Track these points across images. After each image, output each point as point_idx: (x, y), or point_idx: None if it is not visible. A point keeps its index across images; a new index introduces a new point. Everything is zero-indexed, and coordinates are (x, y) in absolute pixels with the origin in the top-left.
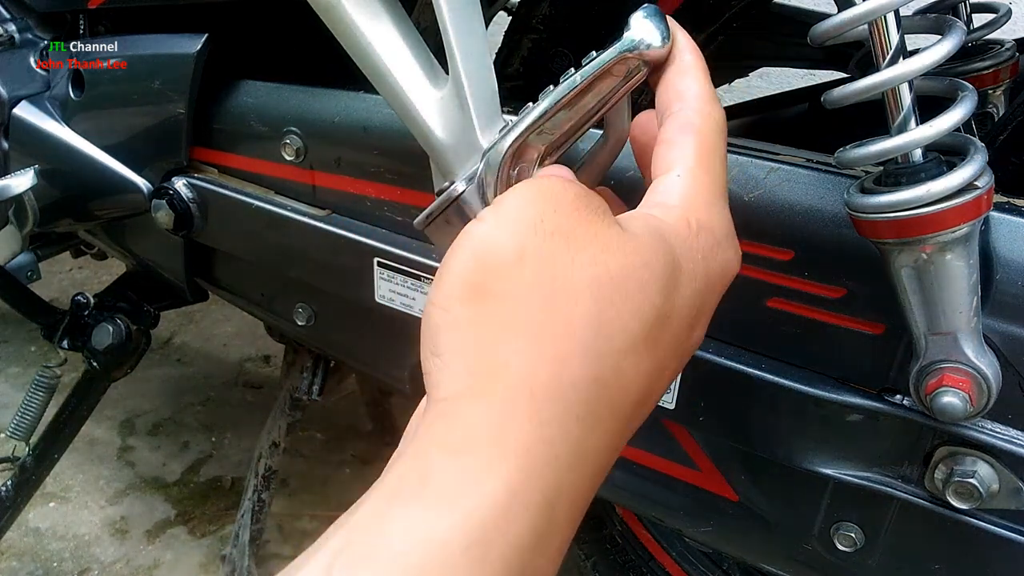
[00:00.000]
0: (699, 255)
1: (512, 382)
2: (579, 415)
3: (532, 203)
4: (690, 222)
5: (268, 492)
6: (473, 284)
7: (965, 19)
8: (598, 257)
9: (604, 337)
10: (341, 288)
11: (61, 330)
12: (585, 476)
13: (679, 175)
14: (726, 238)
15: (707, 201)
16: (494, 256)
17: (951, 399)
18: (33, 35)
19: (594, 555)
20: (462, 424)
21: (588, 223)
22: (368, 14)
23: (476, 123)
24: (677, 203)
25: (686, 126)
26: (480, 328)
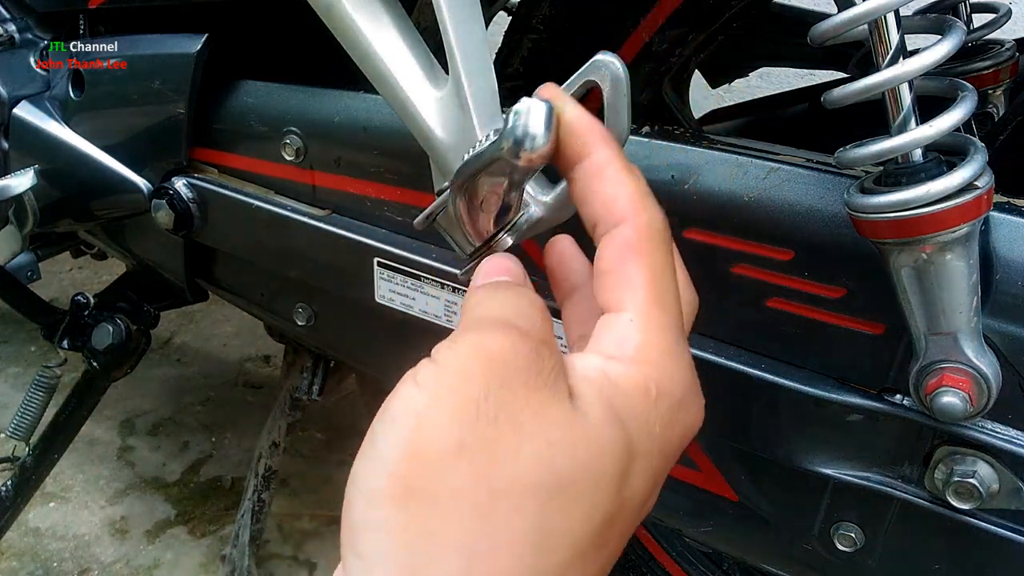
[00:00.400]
0: (656, 428)
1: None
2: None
3: (478, 376)
4: (648, 389)
5: (268, 492)
6: (403, 479)
7: (965, 19)
8: (545, 453)
9: (547, 551)
10: (341, 288)
11: (61, 330)
12: None
13: (631, 319)
14: (687, 396)
15: (666, 351)
16: (429, 446)
17: (951, 399)
18: (33, 35)
19: None
20: None
21: (538, 404)
22: (368, 14)
23: (476, 123)
24: (633, 359)
25: (626, 249)
26: (407, 536)
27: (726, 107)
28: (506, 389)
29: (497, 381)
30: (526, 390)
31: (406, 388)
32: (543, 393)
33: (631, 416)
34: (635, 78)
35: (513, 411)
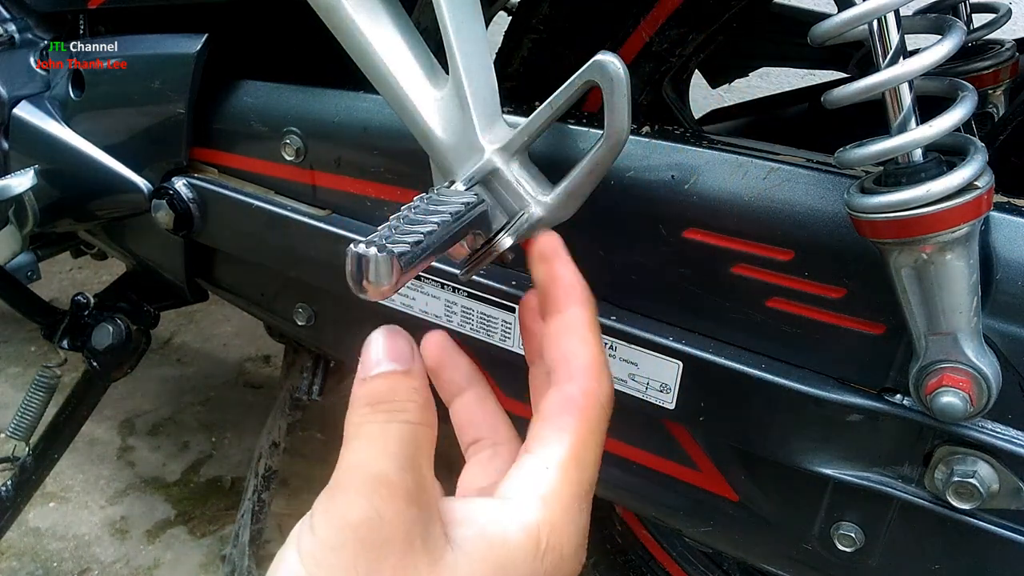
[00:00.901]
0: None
1: None
2: None
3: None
4: (540, 541)
5: (268, 492)
6: None
7: (965, 19)
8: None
9: None
10: (341, 288)
11: (61, 330)
12: None
13: (547, 468)
14: (573, 554)
15: (566, 507)
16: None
17: (951, 399)
18: (33, 35)
19: (594, 555)
20: None
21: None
22: (368, 14)
23: (476, 123)
24: (534, 509)
25: (568, 404)
26: None
27: (726, 107)
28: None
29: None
30: (394, 554)
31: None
32: (411, 555)
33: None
34: (635, 78)
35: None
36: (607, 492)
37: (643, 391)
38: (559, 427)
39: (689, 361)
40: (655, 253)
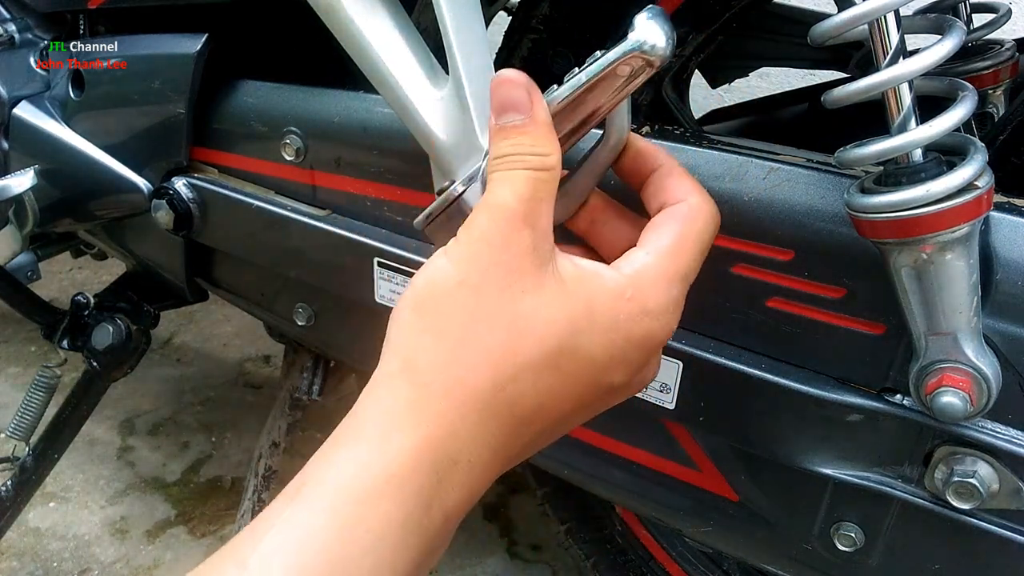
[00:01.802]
0: (622, 315)
1: (431, 375)
2: (478, 408)
3: (478, 240)
4: (625, 292)
5: (268, 492)
6: (420, 300)
7: (965, 19)
8: (518, 295)
9: (508, 355)
10: (341, 288)
11: (61, 330)
12: (485, 452)
13: (647, 253)
14: (656, 313)
15: (655, 280)
16: (439, 280)
17: (951, 399)
18: (33, 35)
19: (594, 555)
20: (393, 395)
21: (518, 264)
22: (368, 14)
23: (476, 123)
24: (627, 273)
25: (676, 214)
26: (418, 331)
27: (726, 107)
28: (501, 252)
29: (487, 250)
30: (508, 255)
31: (436, 255)
32: (527, 260)
33: (600, 300)
34: None
35: (503, 266)
36: (607, 492)
37: (643, 391)
38: (665, 229)
39: (689, 361)
40: None
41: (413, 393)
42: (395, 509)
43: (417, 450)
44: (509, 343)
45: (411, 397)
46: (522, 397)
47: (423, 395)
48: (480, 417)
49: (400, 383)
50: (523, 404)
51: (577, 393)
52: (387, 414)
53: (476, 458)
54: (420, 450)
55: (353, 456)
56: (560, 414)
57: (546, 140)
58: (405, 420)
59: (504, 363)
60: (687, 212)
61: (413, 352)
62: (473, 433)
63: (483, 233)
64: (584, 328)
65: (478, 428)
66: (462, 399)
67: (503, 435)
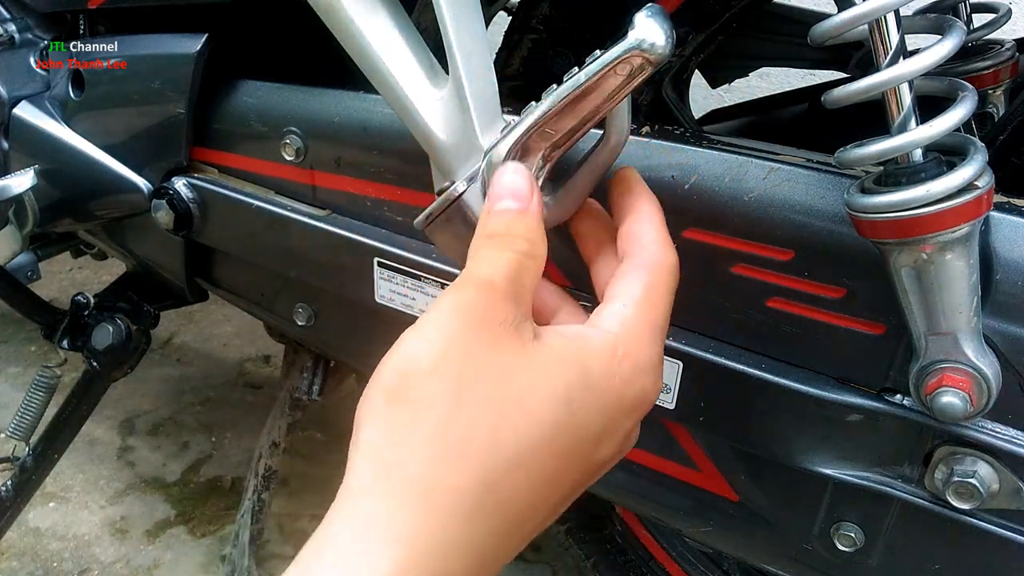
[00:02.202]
0: (616, 379)
1: (407, 482)
2: (466, 513)
3: (452, 322)
4: (616, 350)
5: (268, 492)
6: (392, 389)
7: (965, 19)
8: (505, 374)
9: (497, 446)
10: (341, 288)
11: (61, 330)
12: (473, 564)
13: (624, 305)
14: (649, 369)
15: (640, 333)
16: (413, 366)
17: (951, 399)
18: (33, 35)
19: (594, 555)
20: (362, 513)
21: (502, 343)
22: (368, 14)
23: (476, 123)
24: (613, 330)
25: (641, 265)
26: (389, 430)
27: (726, 107)
28: (478, 332)
29: (468, 326)
30: (494, 334)
31: (406, 332)
32: (504, 334)
33: (595, 360)
34: None
35: (481, 347)
36: (607, 492)
37: None
38: (633, 279)
39: (689, 361)
40: None
41: (386, 506)
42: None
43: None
44: (499, 429)
45: (383, 511)
46: (515, 496)
47: (397, 507)
48: (467, 526)
49: (368, 499)
50: (516, 505)
51: (572, 479)
52: (356, 534)
53: (464, 571)
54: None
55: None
56: (552, 507)
57: (539, 232)
58: (377, 540)
59: (495, 457)
60: (652, 263)
61: (385, 455)
62: (458, 546)
63: (463, 307)
64: (580, 399)
65: (464, 539)
66: (444, 507)
67: (493, 543)
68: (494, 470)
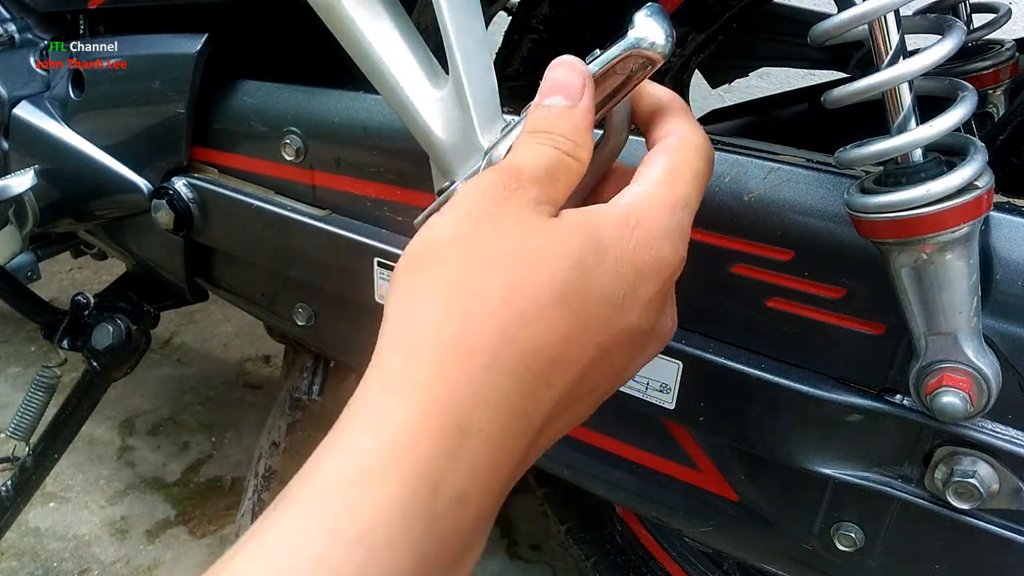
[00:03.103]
0: (630, 245)
1: (421, 338)
2: (484, 364)
3: (474, 195)
4: (629, 218)
5: (268, 492)
6: (411, 259)
7: (965, 19)
8: (517, 237)
9: (512, 300)
10: (341, 288)
11: (61, 330)
12: (500, 418)
13: (640, 185)
14: (666, 238)
15: (655, 206)
16: (432, 238)
17: (951, 399)
18: (33, 35)
19: (594, 555)
20: (386, 368)
21: (517, 211)
22: (368, 14)
23: (476, 123)
24: (626, 202)
25: (664, 148)
26: (408, 293)
27: (726, 107)
28: (493, 204)
29: (487, 198)
30: (508, 204)
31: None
32: (523, 206)
33: (607, 231)
34: None
35: (497, 216)
36: (607, 492)
37: (643, 391)
38: (653, 164)
39: (689, 361)
40: None
41: (406, 360)
42: (392, 493)
43: (413, 423)
44: (514, 287)
45: (404, 365)
46: (535, 349)
47: (417, 360)
48: (488, 376)
49: (392, 354)
50: (538, 357)
51: (596, 340)
52: (379, 391)
53: (490, 426)
54: (417, 422)
55: (343, 443)
56: (582, 369)
57: (585, 133)
58: (397, 392)
59: (511, 310)
60: (675, 143)
61: (406, 317)
62: (482, 396)
63: (483, 187)
64: (593, 263)
65: (487, 390)
66: (463, 357)
67: (519, 397)
68: (510, 323)
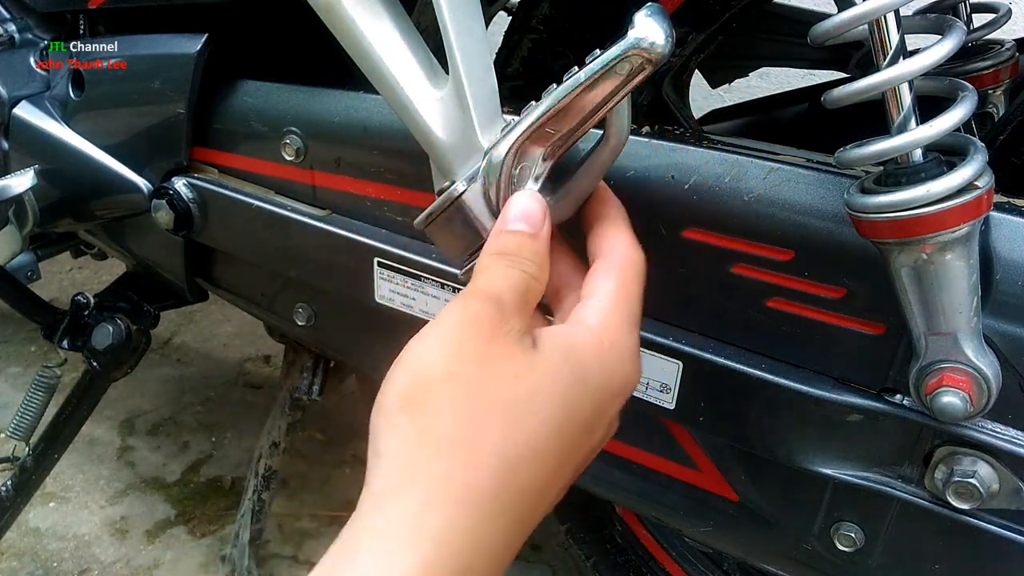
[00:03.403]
0: (606, 369)
1: (429, 484)
2: (486, 510)
3: (461, 331)
4: (603, 342)
5: (268, 492)
6: (408, 397)
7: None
8: (509, 382)
9: (511, 446)
10: (341, 288)
11: (61, 330)
12: (493, 557)
13: (599, 301)
14: (629, 357)
15: (619, 324)
16: (426, 375)
17: (951, 399)
18: (33, 35)
19: (594, 555)
20: (387, 516)
21: (506, 349)
22: (368, 14)
23: (476, 123)
24: (595, 324)
25: (612, 264)
26: (410, 436)
27: (726, 107)
28: (483, 340)
29: (477, 335)
30: (496, 342)
31: (413, 341)
32: (510, 344)
33: (587, 355)
34: None
35: (487, 356)
36: (607, 492)
37: (643, 391)
38: (605, 276)
39: (689, 361)
40: (655, 253)
41: (411, 511)
42: None
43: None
44: (513, 432)
45: (409, 516)
46: (529, 488)
47: (423, 511)
48: (486, 522)
49: (395, 502)
50: (530, 495)
51: (572, 466)
52: (382, 538)
53: (484, 565)
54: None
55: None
56: (556, 494)
57: (546, 258)
58: (404, 539)
59: (509, 456)
60: (621, 261)
61: (407, 460)
62: (480, 541)
63: (471, 318)
64: (579, 395)
65: (484, 534)
66: (466, 505)
67: (510, 533)
68: (509, 468)
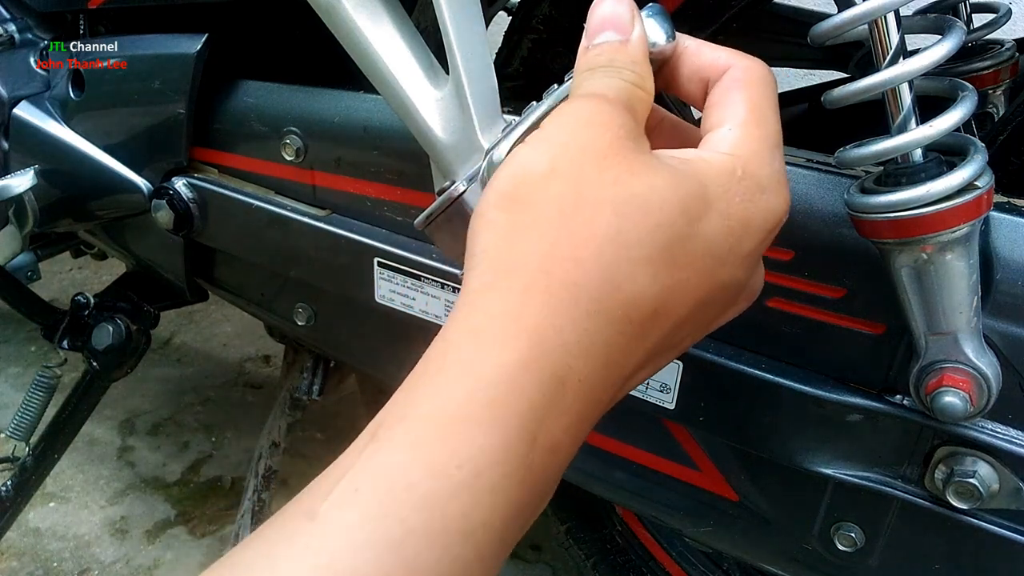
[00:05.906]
0: (737, 197)
1: (528, 276)
2: (589, 310)
3: (567, 124)
4: (735, 170)
5: (268, 492)
6: (507, 194)
7: (965, 19)
8: (623, 177)
9: (620, 246)
10: (341, 288)
11: (61, 330)
12: (598, 367)
13: (730, 128)
14: (773, 186)
15: (756, 151)
16: (527, 171)
17: (951, 399)
18: (33, 35)
19: (594, 555)
20: (481, 310)
21: (618, 146)
22: (368, 14)
23: (476, 123)
24: (726, 151)
25: (733, 84)
26: (508, 230)
27: None
28: (592, 134)
29: (585, 128)
30: (609, 137)
31: (519, 147)
32: (625, 142)
33: (713, 181)
34: None
35: (597, 149)
36: (607, 492)
37: (643, 391)
38: (729, 102)
39: (689, 361)
40: None
41: (509, 301)
42: (496, 442)
43: (517, 367)
44: (622, 232)
45: (506, 306)
46: (640, 298)
47: (521, 301)
48: (592, 323)
49: (492, 294)
50: (640, 308)
51: (696, 294)
52: (478, 331)
53: (588, 375)
54: (521, 367)
55: (439, 384)
56: (677, 322)
57: (645, 65)
58: (501, 333)
59: (617, 255)
60: (742, 76)
61: (506, 255)
62: (584, 343)
63: (576, 115)
64: (700, 213)
65: (589, 337)
66: (568, 301)
67: (619, 346)
68: (617, 268)
